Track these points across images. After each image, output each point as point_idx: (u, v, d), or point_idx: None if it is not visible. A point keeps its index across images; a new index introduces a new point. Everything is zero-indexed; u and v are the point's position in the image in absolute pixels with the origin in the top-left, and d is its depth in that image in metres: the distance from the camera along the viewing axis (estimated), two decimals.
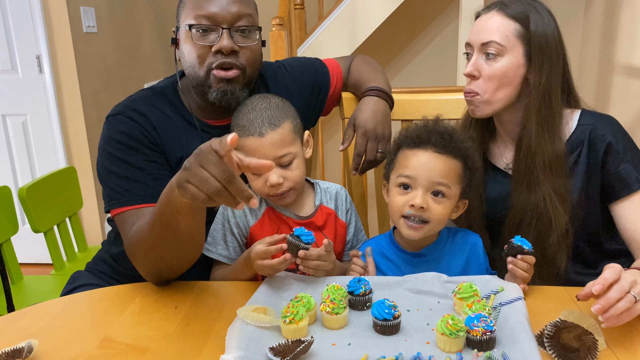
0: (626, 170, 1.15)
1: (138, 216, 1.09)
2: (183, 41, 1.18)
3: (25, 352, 0.83)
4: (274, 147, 1.10)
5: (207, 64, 1.15)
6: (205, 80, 1.16)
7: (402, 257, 1.14)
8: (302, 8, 3.13)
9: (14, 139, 2.88)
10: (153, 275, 1.09)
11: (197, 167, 0.82)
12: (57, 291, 1.65)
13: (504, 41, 1.14)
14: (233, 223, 1.16)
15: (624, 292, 0.85)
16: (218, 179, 0.80)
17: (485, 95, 1.17)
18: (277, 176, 1.10)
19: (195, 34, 1.14)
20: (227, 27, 1.14)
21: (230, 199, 0.82)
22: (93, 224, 2.97)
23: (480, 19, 1.20)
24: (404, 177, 1.07)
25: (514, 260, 1.01)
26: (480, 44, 1.16)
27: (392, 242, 1.16)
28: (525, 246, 1.01)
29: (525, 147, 1.17)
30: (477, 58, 1.17)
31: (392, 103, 1.41)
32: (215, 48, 1.14)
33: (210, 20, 1.13)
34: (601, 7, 3.24)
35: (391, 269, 1.14)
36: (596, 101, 3.17)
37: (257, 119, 1.10)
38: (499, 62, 1.15)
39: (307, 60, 1.47)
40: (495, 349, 0.84)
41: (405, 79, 3.92)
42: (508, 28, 1.14)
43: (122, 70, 3.18)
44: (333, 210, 1.23)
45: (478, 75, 1.17)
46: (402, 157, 1.11)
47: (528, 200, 1.16)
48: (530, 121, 1.16)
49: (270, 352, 0.81)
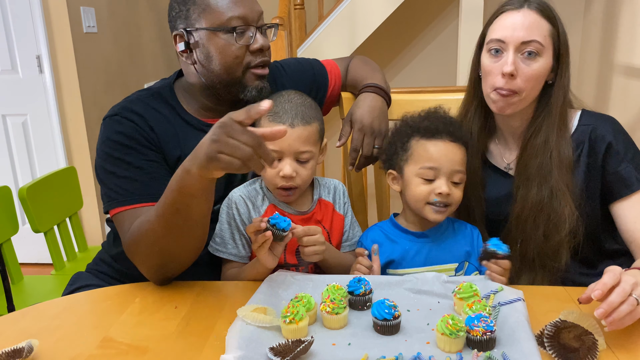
0: (626, 170, 1.15)
1: (137, 215, 1.09)
2: (208, 44, 1.17)
3: (26, 352, 0.84)
4: (299, 141, 1.13)
5: (245, 63, 1.18)
6: (241, 80, 1.19)
7: (408, 237, 1.19)
8: (302, 8, 3.13)
9: (14, 139, 2.88)
10: (156, 271, 1.09)
11: (227, 137, 0.88)
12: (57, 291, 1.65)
13: (544, 41, 1.13)
14: (239, 221, 1.17)
15: (626, 295, 0.84)
16: (249, 145, 0.87)
17: (522, 94, 1.16)
18: (291, 169, 1.13)
19: (230, 36, 1.15)
20: (257, 26, 1.17)
21: (259, 163, 0.90)
22: (93, 224, 2.97)
23: (512, 15, 1.15)
24: (429, 168, 1.12)
25: (488, 265, 1.05)
26: (520, 42, 1.13)
27: (395, 226, 1.21)
28: (499, 250, 1.03)
29: (542, 144, 1.18)
30: (514, 56, 1.13)
31: (389, 100, 1.41)
32: (255, 47, 1.17)
33: (243, 20, 1.15)
34: (601, 7, 3.24)
35: (397, 250, 1.17)
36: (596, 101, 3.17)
37: (292, 111, 1.14)
38: (538, 62, 1.14)
39: (305, 60, 1.47)
40: (495, 349, 0.84)
41: (405, 79, 3.92)
42: (545, 28, 1.14)
43: (122, 70, 3.18)
44: (331, 203, 1.25)
45: (516, 74, 1.14)
46: (420, 149, 1.14)
47: (538, 198, 1.17)
48: (551, 118, 1.17)
49: (270, 352, 0.81)
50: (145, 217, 1.05)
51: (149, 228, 1.04)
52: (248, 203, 1.18)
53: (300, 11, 3.12)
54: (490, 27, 1.19)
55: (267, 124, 1.14)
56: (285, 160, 1.13)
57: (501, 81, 1.14)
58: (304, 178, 1.16)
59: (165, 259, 1.07)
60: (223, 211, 1.19)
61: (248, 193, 1.19)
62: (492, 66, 1.16)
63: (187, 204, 0.98)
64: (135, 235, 1.07)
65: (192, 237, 1.05)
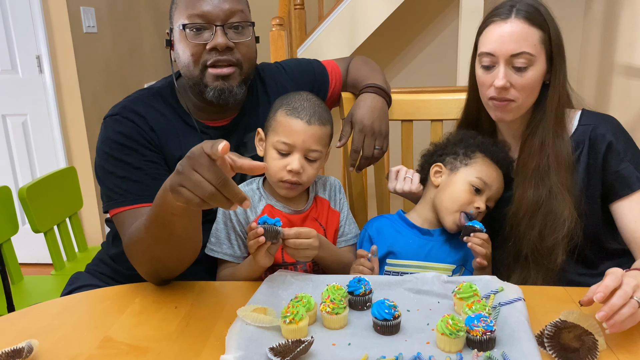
0: (627, 170, 1.15)
1: (136, 216, 1.09)
2: (177, 42, 1.18)
3: (25, 352, 0.83)
4: (313, 139, 1.14)
5: (201, 62, 1.15)
6: (201, 79, 1.17)
7: (413, 231, 1.23)
8: (302, 8, 3.13)
9: (14, 139, 2.88)
10: (151, 275, 1.09)
11: (190, 170, 0.81)
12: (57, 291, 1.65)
13: (534, 50, 1.13)
14: (235, 221, 1.17)
15: (627, 298, 0.84)
16: (212, 183, 0.80)
17: (519, 101, 1.16)
18: (299, 164, 1.13)
19: (189, 33, 1.14)
20: (221, 25, 1.14)
21: (224, 201, 0.82)
22: (93, 224, 2.97)
23: (499, 27, 1.14)
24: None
25: (469, 238, 1.12)
26: (510, 55, 1.13)
27: (402, 219, 1.25)
28: (476, 225, 1.13)
29: (538, 145, 1.18)
30: (506, 69, 1.14)
31: (389, 100, 1.41)
32: (209, 46, 1.14)
33: (203, 18, 1.13)
34: (601, 7, 3.24)
35: (400, 240, 1.21)
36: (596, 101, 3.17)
37: (310, 109, 1.15)
38: (531, 72, 1.14)
39: (305, 61, 1.47)
40: (495, 349, 0.84)
41: (405, 79, 3.92)
42: (534, 36, 1.13)
43: (122, 70, 3.18)
44: (327, 199, 1.26)
45: (509, 86, 1.14)
46: (478, 164, 1.21)
47: (535, 198, 1.17)
48: (546, 120, 1.17)
49: (270, 352, 0.81)
50: (138, 224, 1.04)
51: (139, 236, 1.03)
52: None
53: (300, 11, 3.11)
54: (480, 38, 1.19)
55: (284, 118, 1.14)
56: (295, 155, 1.14)
57: (495, 92, 1.16)
58: (309, 176, 1.17)
59: (156, 265, 1.06)
60: (220, 211, 1.19)
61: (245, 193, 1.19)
62: (485, 78, 1.17)
63: (170, 220, 0.94)
64: (130, 239, 1.07)
65: (179, 250, 1.03)
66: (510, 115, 1.19)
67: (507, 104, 1.16)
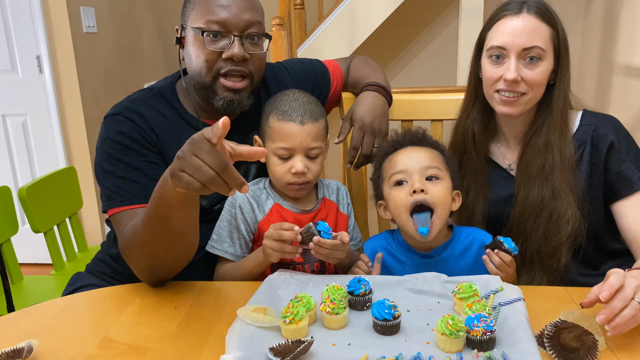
0: (628, 170, 1.15)
1: (134, 216, 1.08)
2: (190, 43, 1.17)
3: (25, 352, 0.83)
4: (310, 137, 1.14)
5: (215, 69, 1.15)
6: (211, 86, 1.17)
7: (410, 256, 1.16)
8: (302, 8, 3.13)
9: (14, 139, 2.88)
10: (147, 274, 1.09)
11: (191, 155, 0.82)
12: (57, 291, 1.65)
13: (545, 45, 1.13)
14: (241, 219, 1.17)
15: (628, 300, 0.84)
16: (212, 167, 0.81)
17: (529, 95, 1.16)
18: (303, 165, 1.14)
19: (206, 38, 1.14)
20: (239, 35, 1.14)
21: (224, 186, 0.83)
22: (93, 224, 2.97)
23: (511, 21, 1.14)
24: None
25: (489, 252, 1.05)
26: (522, 49, 1.13)
27: (398, 242, 1.18)
28: (506, 243, 1.04)
29: (543, 144, 1.18)
30: (517, 62, 1.14)
31: (390, 99, 1.41)
32: (226, 55, 1.14)
33: (221, 26, 1.13)
34: (601, 7, 3.24)
35: (397, 267, 1.15)
36: (596, 101, 3.17)
37: (300, 108, 1.15)
38: (541, 67, 1.14)
39: (307, 61, 1.47)
40: (495, 349, 0.84)
41: (405, 79, 3.92)
42: (545, 32, 1.13)
43: (122, 70, 3.18)
44: (335, 203, 1.26)
45: (520, 80, 1.14)
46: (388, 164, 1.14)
47: (539, 197, 1.17)
48: (552, 119, 1.17)
49: (270, 352, 0.81)
50: (135, 221, 1.04)
51: (136, 232, 1.03)
52: (252, 202, 1.18)
53: (300, 11, 3.12)
54: (490, 32, 1.19)
55: (277, 124, 1.15)
56: (297, 157, 1.14)
57: (505, 85, 1.15)
58: (315, 173, 1.18)
59: (153, 263, 1.06)
60: (225, 209, 1.19)
61: (252, 192, 1.19)
62: (494, 71, 1.16)
63: (168, 213, 0.94)
64: (127, 237, 1.06)
65: (177, 245, 1.03)
66: (518, 110, 1.18)
67: (517, 98, 1.16)
